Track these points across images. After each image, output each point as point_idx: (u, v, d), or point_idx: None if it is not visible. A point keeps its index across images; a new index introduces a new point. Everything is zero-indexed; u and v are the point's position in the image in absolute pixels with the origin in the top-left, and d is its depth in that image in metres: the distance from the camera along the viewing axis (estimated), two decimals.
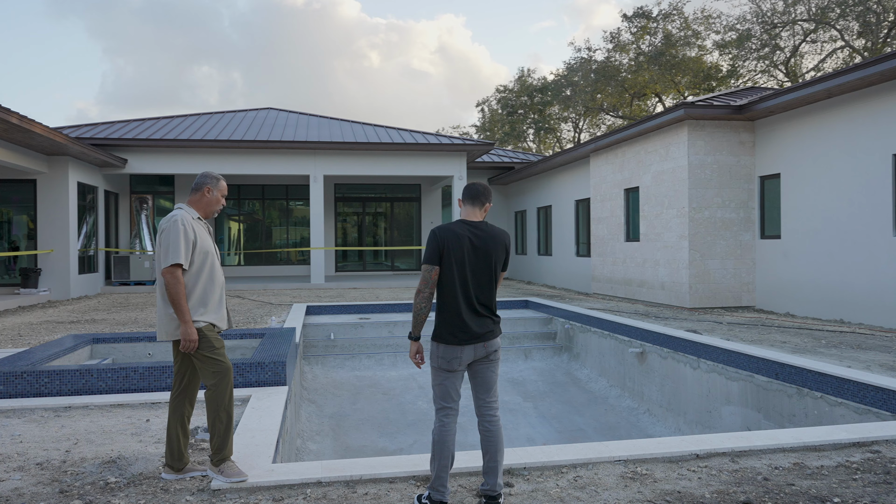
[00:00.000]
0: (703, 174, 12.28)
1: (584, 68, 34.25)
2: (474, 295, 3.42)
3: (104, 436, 4.55)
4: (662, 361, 9.06)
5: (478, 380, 3.50)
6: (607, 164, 15.63)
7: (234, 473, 3.53)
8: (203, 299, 3.64)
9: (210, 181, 3.79)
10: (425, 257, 3.44)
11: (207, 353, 3.58)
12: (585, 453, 3.94)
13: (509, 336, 12.36)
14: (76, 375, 5.55)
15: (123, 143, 17.36)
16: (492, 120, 42.21)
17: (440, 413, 3.40)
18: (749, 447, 4.06)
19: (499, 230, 3.57)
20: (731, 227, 12.35)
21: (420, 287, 3.42)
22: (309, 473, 3.60)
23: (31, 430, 4.69)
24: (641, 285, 14.03)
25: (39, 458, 4.08)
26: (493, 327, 3.47)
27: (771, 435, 4.29)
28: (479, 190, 3.57)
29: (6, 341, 8.88)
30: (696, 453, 4.02)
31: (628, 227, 14.86)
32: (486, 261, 3.45)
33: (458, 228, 3.46)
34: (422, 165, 19.09)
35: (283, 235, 22.90)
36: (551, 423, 9.21)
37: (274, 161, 18.46)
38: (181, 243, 3.53)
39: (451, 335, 3.36)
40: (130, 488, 3.58)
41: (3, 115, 11.21)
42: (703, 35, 31.51)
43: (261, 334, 7.84)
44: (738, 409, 7.45)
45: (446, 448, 3.31)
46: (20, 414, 5.09)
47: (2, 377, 5.45)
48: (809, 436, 4.26)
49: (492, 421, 3.44)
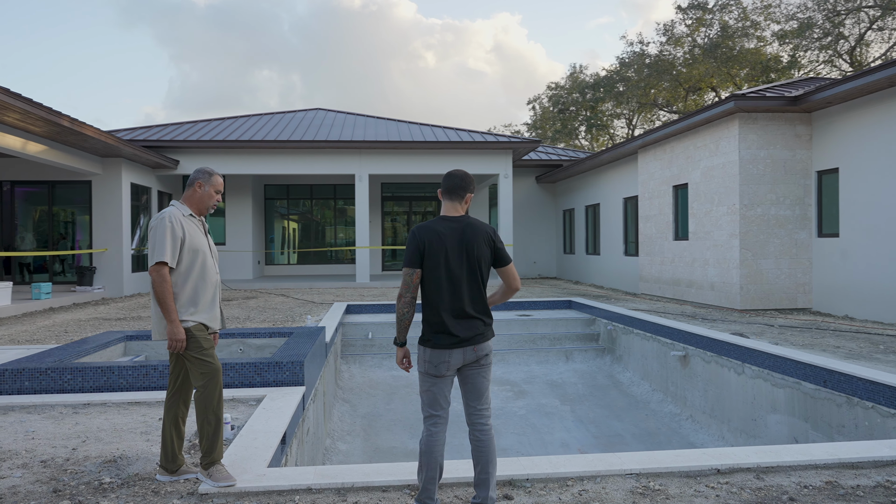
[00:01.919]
0: (756, 169, 11.70)
1: (637, 63, 33.38)
2: (461, 295, 3.21)
3: (114, 434, 4.55)
4: (706, 366, 8.64)
5: (468, 386, 3.30)
6: (655, 161, 15.11)
7: (223, 478, 3.43)
8: (193, 298, 3.56)
9: (202, 176, 3.71)
10: (405, 259, 3.25)
11: (196, 355, 3.49)
12: (594, 465, 3.69)
13: (550, 337, 12.08)
14: (97, 372, 5.61)
15: (174, 145, 17.79)
16: (543, 117, 41.62)
17: (428, 421, 3.21)
18: (777, 463, 3.73)
19: (481, 224, 3.33)
20: (786, 225, 11.73)
21: (401, 291, 3.24)
22: (300, 479, 3.47)
23: (46, 426, 4.73)
24: (690, 286, 13.50)
25: (45, 456, 4.10)
26: (483, 330, 3.26)
27: (802, 449, 3.94)
28: (457, 181, 3.32)
29: (50, 337, 9.14)
30: (717, 468, 3.72)
31: (677, 225, 14.33)
32: (472, 260, 3.24)
33: (439, 226, 3.25)
34: (466, 164, 18.90)
35: (332, 235, 23.10)
36: (588, 428, 8.90)
37: (320, 161, 18.60)
38: (167, 241, 3.45)
39: (438, 338, 3.17)
40: (123, 489, 3.53)
41: (54, 117, 11.58)
42: (763, 25, 30.21)
43: (289, 333, 7.82)
44: (785, 418, 7.00)
45: (434, 459, 3.12)
46: (40, 410, 5.16)
47: (27, 373, 5.55)
48: (847, 451, 3.88)
49: (483, 430, 3.23)
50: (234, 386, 5.70)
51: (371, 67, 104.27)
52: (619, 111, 38.30)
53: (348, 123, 21.44)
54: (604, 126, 39.15)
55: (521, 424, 9.02)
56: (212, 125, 20.88)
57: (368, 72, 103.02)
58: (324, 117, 22.76)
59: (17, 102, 10.46)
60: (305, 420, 6.06)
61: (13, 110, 10.73)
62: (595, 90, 37.14)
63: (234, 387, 5.70)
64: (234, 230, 20.49)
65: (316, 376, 6.97)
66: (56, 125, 11.91)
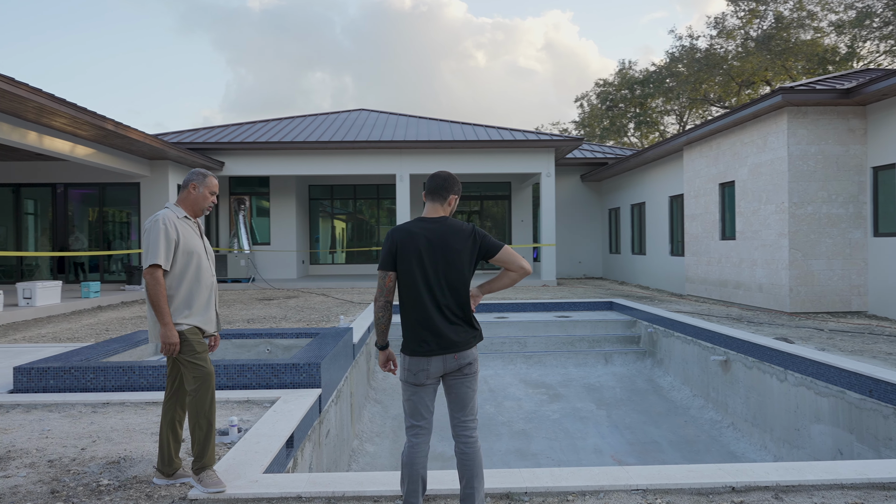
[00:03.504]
0: (806, 166, 11.15)
1: (687, 57, 32.43)
2: (438, 300, 3.05)
3: (125, 434, 4.58)
4: (747, 371, 8.26)
5: (451, 396, 3.14)
6: (701, 158, 14.61)
7: (213, 483, 3.38)
8: (188, 301, 3.52)
9: (196, 178, 3.67)
10: (379, 262, 3.12)
11: (188, 358, 3.46)
12: (598, 479, 3.49)
13: (589, 339, 11.80)
14: (119, 372, 5.68)
15: (219, 147, 18.14)
16: (591, 115, 40.89)
17: (409, 432, 3.07)
18: (798, 481, 3.46)
19: (462, 224, 3.14)
20: (839, 224, 11.14)
21: (376, 295, 3.12)
22: (291, 487, 3.40)
23: (63, 425, 4.80)
24: (738, 287, 12.98)
25: (54, 455, 4.14)
26: (464, 336, 3.09)
27: (827, 467, 3.65)
28: (440, 182, 3.16)
29: (91, 335, 9.39)
30: (732, 486, 3.47)
31: (723, 224, 13.81)
32: (450, 261, 3.06)
33: (415, 227, 3.10)
34: (507, 163, 18.69)
35: (376, 234, 23.19)
36: (623, 434, 8.62)
37: (361, 161, 18.68)
38: (161, 244, 3.42)
39: (415, 345, 3.04)
40: (118, 492, 3.52)
41: (98, 121, 11.92)
42: (819, 15, 28.89)
43: (315, 333, 7.80)
44: (829, 429, 6.61)
45: (415, 471, 2.99)
46: (61, 409, 5.24)
47: (52, 372, 5.66)
48: (877, 470, 3.58)
49: (467, 443, 3.07)
50: (251, 387, 5.70)
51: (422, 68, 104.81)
52: (669, 108, 37.31)
53: (390, 123, 21.48)
54: (654, 123, 38.20)
55: (553, 429, 8.80)
56: (256, 127, 21.23)
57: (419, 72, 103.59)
58: (366, 118, 22.87)
59: (63, 108, 10.79)
60: (324, 422, 6.01)
61: (60, 115, 11.08)
62: (644, 86, 36.28)
63: (252, 388, 5.69)
64: (278, 230, 20.77)
65: (339, 378, 6.92)
66: (101, 129, 12.25)
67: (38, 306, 11.87)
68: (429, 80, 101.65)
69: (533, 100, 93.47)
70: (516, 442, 8.35)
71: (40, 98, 10.15)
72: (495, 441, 8.37)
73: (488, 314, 12.90)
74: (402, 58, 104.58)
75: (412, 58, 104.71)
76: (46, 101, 10.32)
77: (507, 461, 7.79)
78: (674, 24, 77.67)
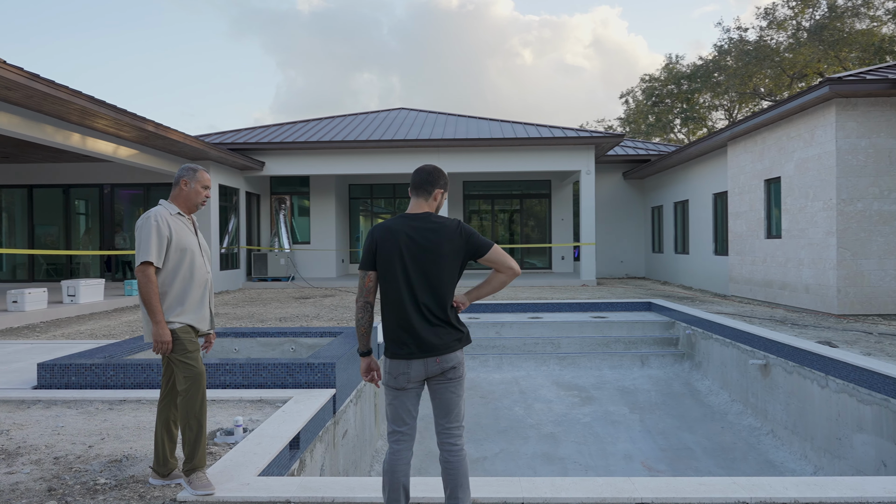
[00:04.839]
0: (856, 160, 10.61)
1: (736, 49, 31.39)
2: (419, 300, 2.91)
3: (134, 432, 4.59)
4: (787, 376, 7.87)
5: (435, 401, 3.01)
6: (745, 153, 14.08)
7: (202, 486, 3.33)
8: (180, 298, 3.48)
9: (186, 173, 3.62)
10: (360, 261, 3.00)
11: (180, 357, 3.41)
12: (601, 491, 3.31)
13: (625, 341, 11.49)
14: (138, 370, 5.73)
15: (260, 147, 18.37)
16: (636, 111, 40.04)
17: (391, 438, 2.95)
18: (819, 499, 3.21)
19: (447, 221, 2.99)
20: (892, 222, 10.56)
21: (357, 296, 3.00)
22: (281, 491, 3.32)
23: (77, 422, 4.85)
24: (783, 288, 12.46)
25: (61, 453, 4.17)
26: (446, 339, 2.94)
27: (853, 483, 3.37)
28: (424, 176, 3.02)
29: (127, 332, 9.57)
30: (746, 501, 3.24)
31: (769, 222, 13.28)
32: (433, 260, 2.91)
33: (396, 224, 2.96)
34: (546, 160, 18.41)
35: None
36: (655, 440, 8.33)
37: (400, 160, 18.66)
38: (153, 241, 3.39)
39: (395, 348, 2.91)
40: (113, 492, 3.51)
41: (139, 123, 12.17)
42: (875, 3, 27.52)
43: (339, 332, 7.76)
44: (872, 439, 6.23)
45: (396, 479, 2.87)
46: (79, 405, 5.31)
47: (73, 369, 5.74)
48: None
49: (452, 451, 2.93)
50: (266, 386, 5.67)
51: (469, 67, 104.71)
52: (717, 103, 36.21)
53: (429, 122, 21.42)
54: (701, 119, 37.15)
55: (583, 433, 8.57)
56: (297, 127, 21.44)
57: (466, 71, 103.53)
58: (405, 116, 22.86)
59: (104, 109, 11.05)
60: (341, 422, 5.95)
61: (102, 117, 11.35)
62: (691, 81, 35.30)
63: (267, 387, 5.67)
64: (318, 230, 20.94)
65: (359, 377, 6.85)
66: (142, 130, 12.52)
67: (81, 303, 12.20)
68: (475, 79, 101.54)
69: (580, 97, 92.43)
70: (544, 445, 8.15)
71: (81, 100, 10.41)
72: (522, 444, 8.19)
73: (522, 314, 12.70)
74: (448, 57, 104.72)
75: (459, 57, 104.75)
76: (87, 104, 10.57)
77: (532, 465, 7.60)
78: (721, 17, 75.55)
